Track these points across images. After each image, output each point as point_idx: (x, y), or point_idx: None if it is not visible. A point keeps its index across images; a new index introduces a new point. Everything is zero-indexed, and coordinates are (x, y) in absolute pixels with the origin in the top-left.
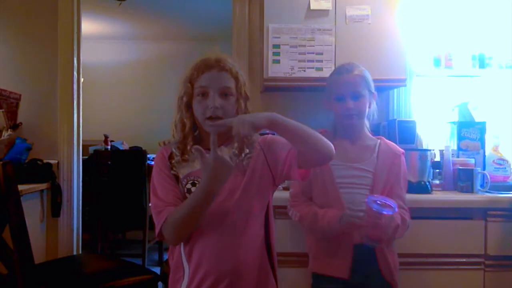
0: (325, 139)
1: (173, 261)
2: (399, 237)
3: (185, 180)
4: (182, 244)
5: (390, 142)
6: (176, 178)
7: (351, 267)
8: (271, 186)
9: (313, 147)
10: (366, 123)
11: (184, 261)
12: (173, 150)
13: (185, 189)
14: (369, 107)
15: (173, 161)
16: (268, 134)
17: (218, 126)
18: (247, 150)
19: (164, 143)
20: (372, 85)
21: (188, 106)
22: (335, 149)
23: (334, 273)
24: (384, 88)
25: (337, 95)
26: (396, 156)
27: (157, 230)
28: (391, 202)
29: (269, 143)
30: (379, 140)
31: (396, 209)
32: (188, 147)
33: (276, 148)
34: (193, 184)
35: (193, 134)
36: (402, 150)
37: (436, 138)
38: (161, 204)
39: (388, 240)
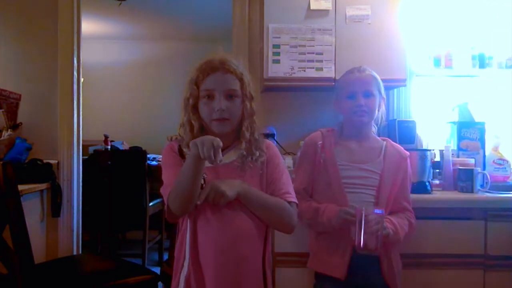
0: (289, 214)
1: (177, 250)
2: (407, 240)
3: None
4: (188, 240)
5: (396, 144)
6: None
7: (349, 268)
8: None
9: (273, 222)
10: (374, 126)
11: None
12: (184, 149)
13: None
14: (378, 109)
15: (183, 161)
16: (268, 135)
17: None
18: (258, 153)
19: (171, 138)
20: (382, 88)
21: (195, 108)
22: (341, 149)
23: (331, 273)
24: (384, 88)
25: (349, 93)
26: (403, 159)
27: (165, 205)
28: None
29: (269, 158)
30: (385, 142)
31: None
32: None
33: (272, 169)
34: (204, 180)
35: (201, 134)
36: (408, 153)
37: (436, 138)
38: (171, 179)
39: (392, 245)
